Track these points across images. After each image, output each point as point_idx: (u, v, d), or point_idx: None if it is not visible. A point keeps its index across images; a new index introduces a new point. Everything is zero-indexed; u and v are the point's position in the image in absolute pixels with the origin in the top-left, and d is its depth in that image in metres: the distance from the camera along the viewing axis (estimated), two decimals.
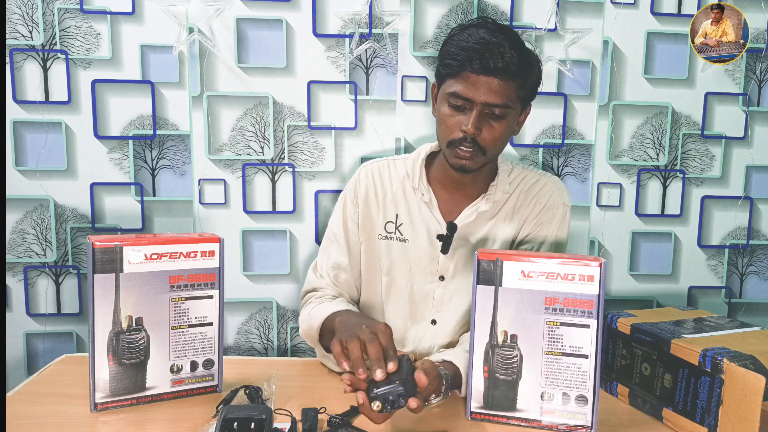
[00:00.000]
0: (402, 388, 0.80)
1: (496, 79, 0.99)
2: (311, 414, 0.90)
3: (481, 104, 1.00)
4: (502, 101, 1.00)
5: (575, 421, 0.89)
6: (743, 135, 1.63)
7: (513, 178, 1.16)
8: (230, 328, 1.59)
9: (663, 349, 0.93)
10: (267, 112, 1.53)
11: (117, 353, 0.92)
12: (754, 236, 1.68)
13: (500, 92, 1.00)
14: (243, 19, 1.49)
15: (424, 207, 1.15)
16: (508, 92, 1.01)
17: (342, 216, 1.19)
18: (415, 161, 1.17)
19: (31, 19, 1.45)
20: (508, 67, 0.98)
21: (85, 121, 1.49)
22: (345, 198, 1.20)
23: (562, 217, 1.16)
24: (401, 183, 1.18)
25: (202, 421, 0.90)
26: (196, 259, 0.97)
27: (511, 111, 1.03)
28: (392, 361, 0.81)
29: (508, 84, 1.00)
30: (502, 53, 0.98)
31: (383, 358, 0.81)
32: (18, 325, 1.54)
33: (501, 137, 1.04)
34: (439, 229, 1.14)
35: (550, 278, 0.89)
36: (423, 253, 1.15)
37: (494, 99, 1.00)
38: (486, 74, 0.99)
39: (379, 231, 1.17)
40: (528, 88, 1.05)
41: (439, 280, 1.15)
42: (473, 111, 1.01)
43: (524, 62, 1.01)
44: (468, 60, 0.99)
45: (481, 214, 1.13)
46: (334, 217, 1.22)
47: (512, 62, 0.98)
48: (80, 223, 1.53)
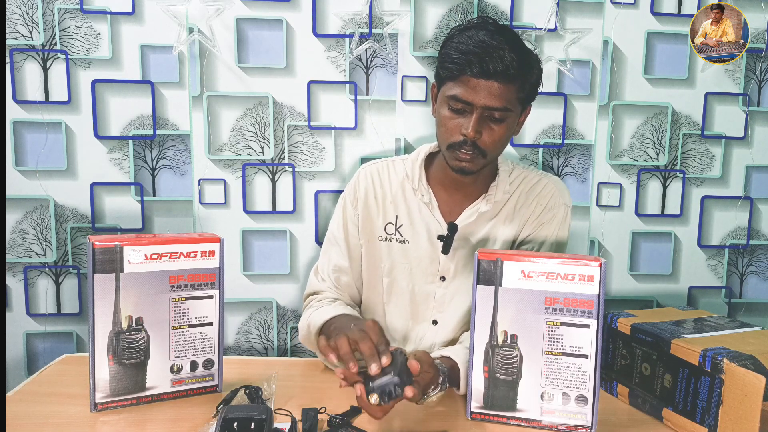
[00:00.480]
0: (397, 378, 0.81)
1: (496, 83, 0.99)
2: (311, 414, 0.90)
3: (481, 108, 1.00)
4: (502, 104, 1.00)
5: (575, 421, 0.89)
6: (743, 135, 1.63)
7: (513, 179, 1.16)
8: (230, 328, 1.59)
9: (663, 349, 0.93)
10: (267, 112, 1.53)
11: (117, 353, 0.92)
12: (754, 236, 1.68)
13: (500, 95, 0.99)
14: (243, 19, 1.49)
15: (424, 208, 1.15)
16: (508, 95, 1.00)
17: (342, 218, 1.19)
18: (415, 162, 1.16)
19: (31, 19, 1.45)
20: (507, 71, 0.98)
21: (85, 121, 1.49)
22: (345, 200, 1.20)
23: (563, 217, 1.16)
24: (401, 184, 1.17)
25: (202, 421, 0.89)
26: (196, 259, 0.97)
27: (511, 113, 1.03)
28: (385, 355, 0.82)
29: (508, 87, 1.00)
30: (502, 57, 0.97)
31: (376, 353, 0.82)
32: (18, 325, 1.54)
33: (501, 140, 1.04)
34: (439, 229, 1.13)
35: (550, 278, 0.89)
36: (423, 254, 1.15)
37: (494, 102, 0.99)
38: (486, 78, 0.98)
39: (379, 233, 1.17)
40: (528, 90, 1.05)
41: (440, 280, 1.15)
42: (473, 114, 1.00)
43: (524, 64, 1.01)
44: (468, 64, 0.99)
45: (481, 214, 1.13)
46: (335, 219, 1.21)
47: (512, 65, 0.98)
48: (80, 223, 1.52)
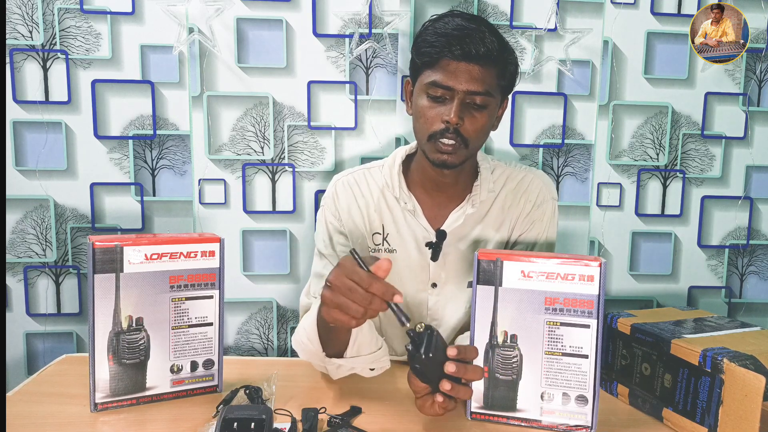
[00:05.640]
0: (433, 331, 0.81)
1: (477, 66, 0.96)
2: (311, 414, 0.90)
3: (463, 92, 0.96)
4: (484, 88, 0.96)
5: (575, 421, 0.89)
6: (743, 135, 1.63)
7: (497, 177, 1.13)
8: (230, 328, 1.59)
9: (663, 349, 0.93)
10: (267, 112, 1.53)
11: (117, 353, 0.92)
12: (754, 236, 1.68)
13: (482, 79, 0.96)
14: (243, 19, 1.49)
15: (408, 215, 1.11)
16: (490, 80, 0.97)
17: (326, 233, 1.13)
18: (392, 168, 1.12)
19: (31, 19, 1.45)
20: (489, 53, 0.95)
21: (85, 121, 1.49)
22: (324, 215, 1.14)
23: (552, 212, 1.14)
24: (381, 192, 1.12)
25: (202, 421, 0.89)
26: (196, 259, 0.97)
27: (493, 100, 0.99)
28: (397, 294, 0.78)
29: (489, 71, 0.97)
30: (483, 39, 0.95)
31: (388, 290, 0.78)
32: (18, 325, 1.54)
33: (483, 128, 1.00)
34: (426, 236, 1.10)
35: (550, 278, 0.89)
36: (413, 263, 1.11)
37: (476, 86, 0.96)
38: (467, 60, 0.95)
39: (367, 244, 1.13)
40: (508, 78, 1.02)
41: (431, 287, 1.12)
42: (454, 100, 0.96)
43: (504, 49, 0.98)
44: (447, 46, 0.95)
45: (469, 216, 1.10)
46: (319, 237, 1.15)
47: (493, 48, 0.95)
48: (80, 223, 1.53)
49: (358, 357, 0.96)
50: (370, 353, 0.97)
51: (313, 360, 1.01)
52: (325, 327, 0.91)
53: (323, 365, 1.00)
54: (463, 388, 0.83)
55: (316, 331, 0.95)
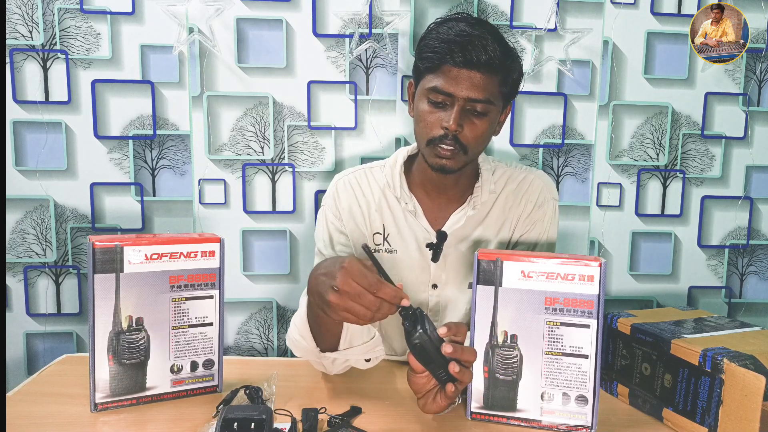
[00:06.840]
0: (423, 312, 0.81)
1: (479, 73, 0.95)
2: (311, 414, 0.90)
3: (463, 99, 0.96)
4: (485, 96, 0.96)
5: (575, 422, 0.89)
6: (743, 135, 1.63)
7: (498, 177, 1.13)
8: (230, 328, 1.59)
9: (663, 349, 0.93)
10: (267, 112, 1.53)
11: (117, 353, 0.92)
12: (754, 236, 1.68)
13: (483, 87, 0.96)
14: (243, 19, 1.49)
15: (409, 216, 1.10)
16: (491, 87, 0.97)
17: (327, 233, 1.13)
18: (393, 168, 1.12)
19: (31, 19, 1.45)
20: (491, 61, 0.94)
21: (85, 121, 1.49)
22: (325, 214, 1.14)
23: (553, 212, 1.14)
24: (382, 192, 1.12)
25: (202, 421, 0.89)
26: (197, 259, 0.97)
27: (494, 108, 0.99)
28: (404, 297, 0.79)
29: (491, 79, 0.96)
30: (485, 46, 0.94)
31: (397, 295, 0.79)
32: (18, 325, 1.54)
33: (483, 135, 1.00)
34: (427, 237, 1.10)
35: (550, 278, 0.89)
36: (414, 263, 1.11)
37: (477, 94, 0.95)
38: (468, 68, 0.95)
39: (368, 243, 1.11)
40: (510, 85, 1.01)
41: (432, 288, 1.12)
42: (454, 107, 0.96)
43: (507, 56, 0.97)
44: (449, 52, 0.94)
45: (470, 218, 1.09)
46: (319, 236, 1.14)
47: (495, 56, 0.94)
48: (80, 223, 1.52)
49: (351, 348, 0.96)
50: (363, 343, 0.97)
51: (308, 356, 1.01)
52: (316, 322, 0.91)
53: (319, 361, 1.00)
54: (467, 371, 0.83)
55: (308, 328, 0.95)
